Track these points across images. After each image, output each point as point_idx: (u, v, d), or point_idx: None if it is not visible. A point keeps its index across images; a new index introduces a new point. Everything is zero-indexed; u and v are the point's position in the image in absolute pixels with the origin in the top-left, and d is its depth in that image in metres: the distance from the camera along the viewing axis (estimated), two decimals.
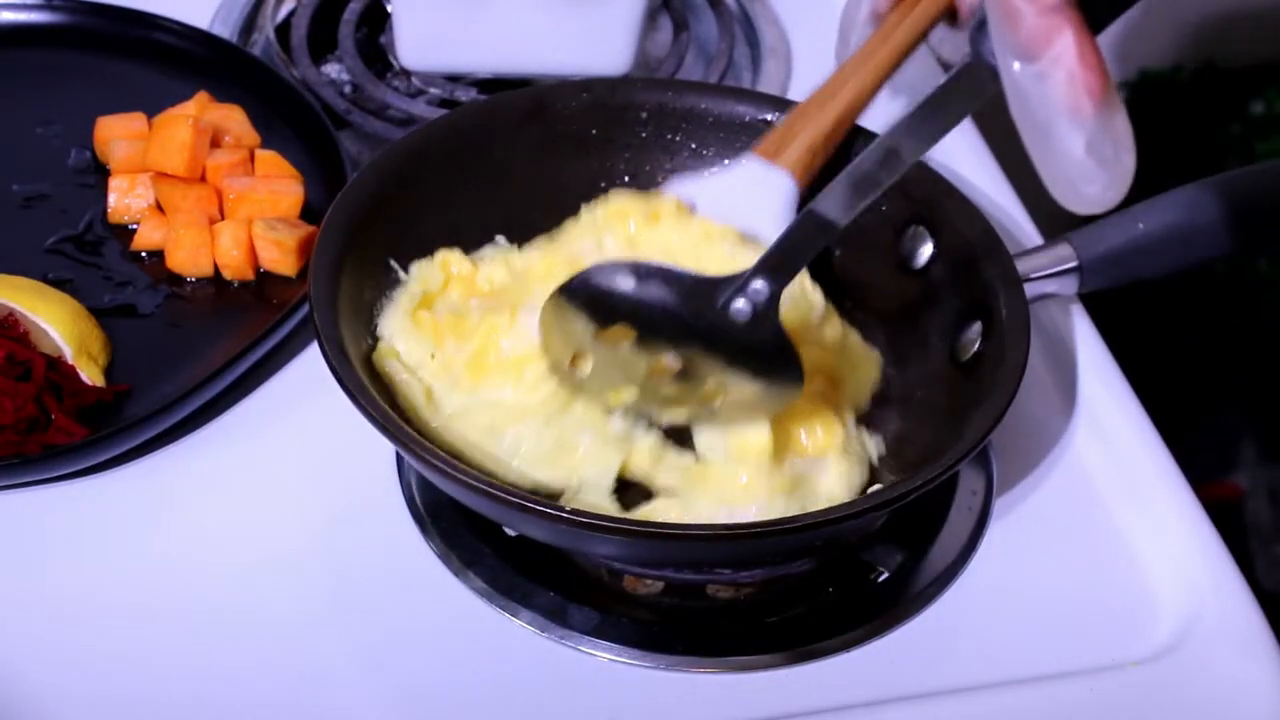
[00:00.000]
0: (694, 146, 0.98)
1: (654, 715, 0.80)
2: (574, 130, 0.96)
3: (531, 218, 0.95)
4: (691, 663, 0.81)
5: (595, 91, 0.97)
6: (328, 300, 0.83)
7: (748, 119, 0.97)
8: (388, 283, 0.89)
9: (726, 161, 0.97)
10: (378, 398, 0.80)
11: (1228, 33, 1.72)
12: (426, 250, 0.91)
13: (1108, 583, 0.87)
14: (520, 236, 0.95)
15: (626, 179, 0.98)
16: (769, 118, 0.96)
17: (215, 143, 1.03)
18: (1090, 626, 0.85)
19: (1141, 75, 1.73)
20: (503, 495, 0.76)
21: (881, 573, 0.86)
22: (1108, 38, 0.75)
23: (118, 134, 1.03)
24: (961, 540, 0.88)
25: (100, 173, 1.04)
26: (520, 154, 0.96)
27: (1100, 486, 0.91)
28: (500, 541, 0.85)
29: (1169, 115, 1.73)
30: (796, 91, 1.15)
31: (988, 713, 0.81)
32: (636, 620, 0.83)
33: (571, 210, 0.96)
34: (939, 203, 0.92)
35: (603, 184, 0.97)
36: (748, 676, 0.81)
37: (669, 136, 0.98)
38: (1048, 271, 0.93)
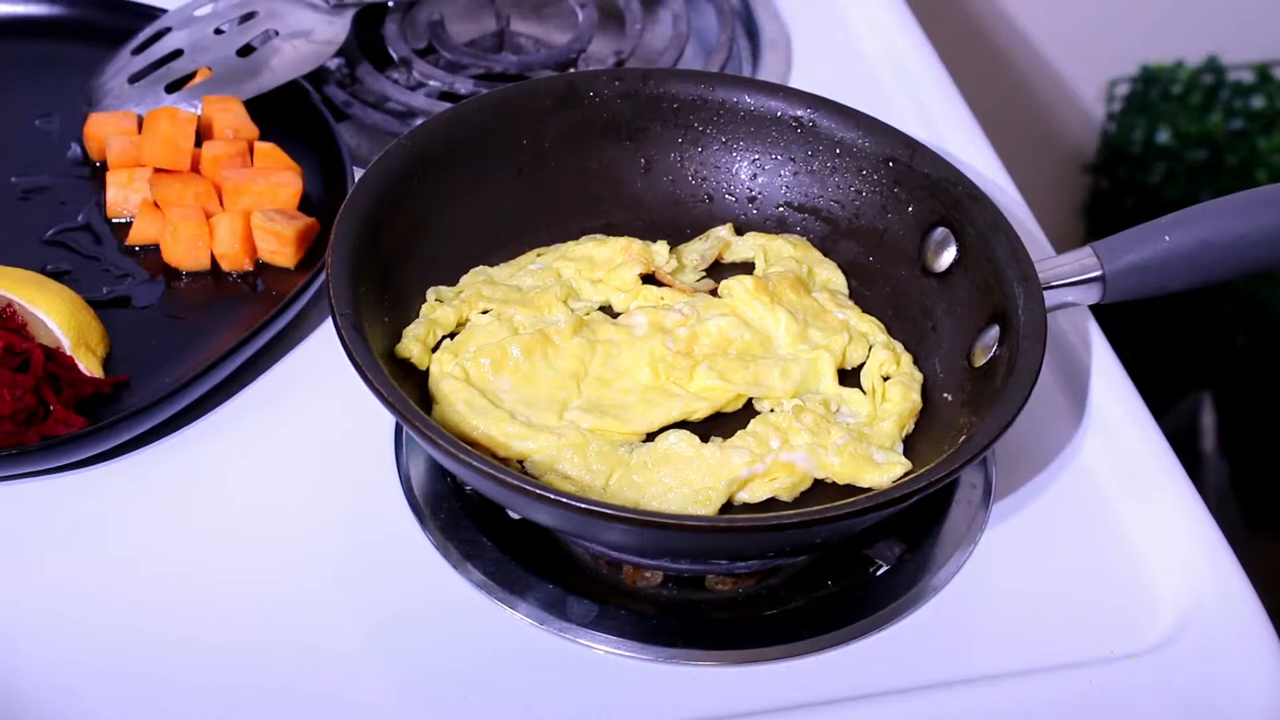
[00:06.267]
0: (724, 140, 0.98)
1: (652, 707, 0.80)
2: (604, 118, 0.97)
3: (554, 204, 0.96)
4: (690, 655, 0.81)
5: (627, 80, 0.97)
6: (346, 277, 0.84)
7: (779, 114, 0.97)
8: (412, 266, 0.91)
9: (755, 156, 0.97)
10: (390, 379, 0.80)
11: (1229, 28, 1.72)
12: (451, 234, 0.93)
13: (1108, 575, 0.87)
14: (539, 223, 0.96)
15: (654, 167, 0.98)
16: (800, 114, 0.97)
17: (214, 135, 1.03)
18: (1090, 619, 0.85)
19: (1143, 70, 1.73)
20: (503, 478, 0.76)
21: (881, 566, 0.86)
22: (1110, 33, 0.74)
23: (110, 130, 1.03)
24: (961, 534, 0.87)
25: (99, 164, 1.04)
26: (549, 139, 0.96)
27: (1100, 480, 0.91)
28: (499, 533, 0.85)
29: (1170, 110, 1.73)
30: (796, 84, 1.15)
31: (987, 706, 0.80)
32: (635, 613, 0.83)
33: (595, 200, 0.97)
34: (965, 206, 0.92)
35: (639, 171, 0.98)
36: (746, 669, 0.81)
37: (700, 128, 0.98)
38: (1070, 280, 0.91)
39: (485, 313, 0.91)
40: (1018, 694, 0.81)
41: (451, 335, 0.90)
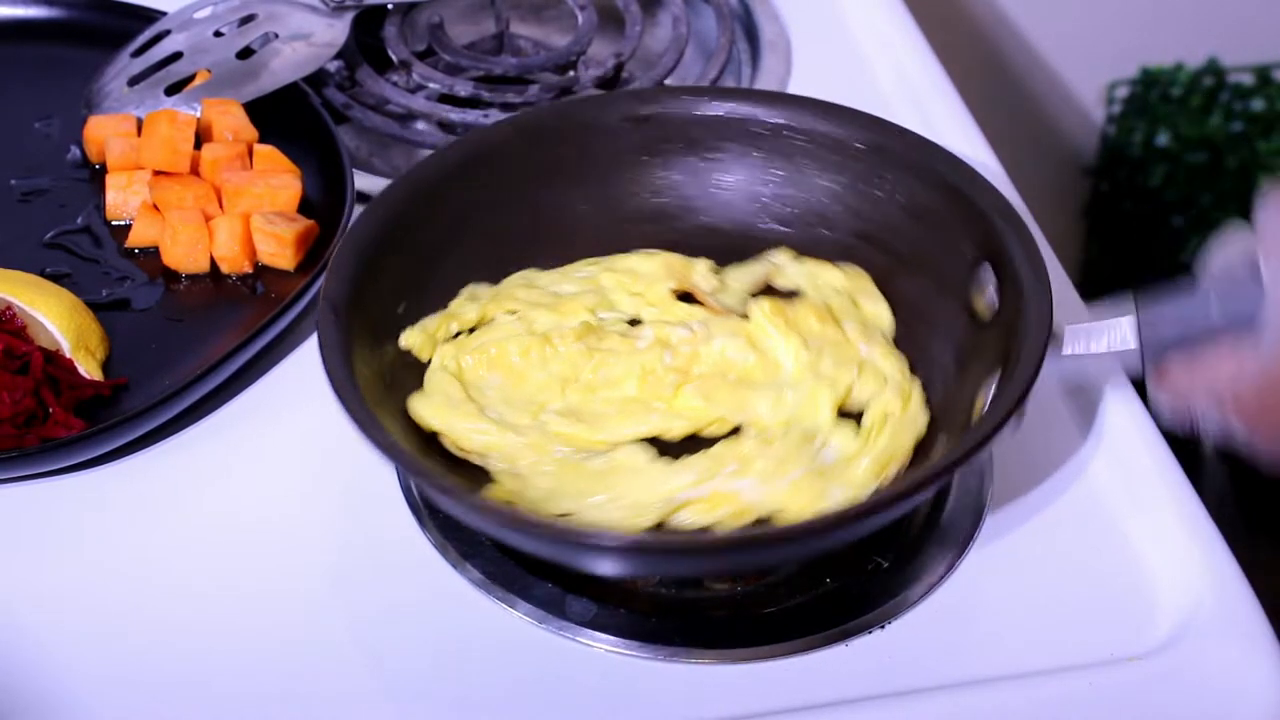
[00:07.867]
0: (797, 165, 0.95)
1: (652, 707, 0.80)
2: (681, 136, 0.95)
3: (618, 219, 0.95)
4: (689, 654, 0.81)
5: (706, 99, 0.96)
6: (342, 299, 0.84)
7: (838, 137, 0.94)
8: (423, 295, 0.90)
9: (827, 184, 0.94)
10: (354, 382, 0.80)
11: (1229, 30, 1.72)
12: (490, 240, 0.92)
13: (1107, 578, 0.87)
14: (597, 234, 0.95)
15: (724, 188, 0.97)
16: (860, 143, 0.93)
17: (213, 137, 1.03)
18: (1089, 621, 0.84)
19: (1143, 72, 1.73)
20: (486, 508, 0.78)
21: (880, 565, 0.86)
22: (1110, 35, 0.73)
23: (109, 133, 1.03)
24: (960, 533, 0.87)
25: (98, 167, 1.04)
26: (619, 153, 0.95)
27: (1100, 482, 0.91)
28: None
29: (1170, 112, 1.73)
30: (796, 87, 1.15)
31: (986, 707, 0.80)
32: (634, 612, 0.83)
33: (659, 217, 0.96)
34: (1011, 253, 0.86)
35: (709, 189, 0.97)
36: (745, 668, 0.81)
37: (774, 152, 0.95)
38: (1100, 353, 0.84)
39: (513, 313, 0.90)
40: (1017, 696, 0.81)
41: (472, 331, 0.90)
